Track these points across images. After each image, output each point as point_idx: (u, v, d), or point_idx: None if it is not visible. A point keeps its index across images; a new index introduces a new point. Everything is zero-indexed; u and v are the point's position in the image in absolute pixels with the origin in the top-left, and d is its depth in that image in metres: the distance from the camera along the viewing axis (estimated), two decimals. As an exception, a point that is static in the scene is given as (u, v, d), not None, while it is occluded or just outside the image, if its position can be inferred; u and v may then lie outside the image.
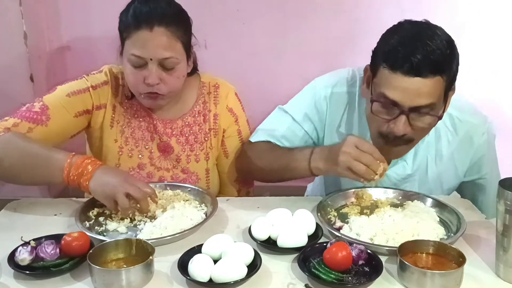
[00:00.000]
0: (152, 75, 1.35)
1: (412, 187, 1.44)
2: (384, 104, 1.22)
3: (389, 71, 1.18)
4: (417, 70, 1.15)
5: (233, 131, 1.58)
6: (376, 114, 1.24)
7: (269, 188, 2.18)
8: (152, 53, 1.34)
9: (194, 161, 1.54)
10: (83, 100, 1.44)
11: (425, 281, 0.99)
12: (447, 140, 1.41)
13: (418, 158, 1.42)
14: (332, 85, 1.43)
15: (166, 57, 1.35)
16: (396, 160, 1.41)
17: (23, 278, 1.04)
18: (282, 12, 1.97)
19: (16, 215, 1.32)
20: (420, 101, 1.18)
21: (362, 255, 1.06)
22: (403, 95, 1.18)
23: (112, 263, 1.06)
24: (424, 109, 1.20)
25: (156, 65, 1.35)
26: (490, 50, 1.93)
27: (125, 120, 1.50)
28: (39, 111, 1.38)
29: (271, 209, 1.24)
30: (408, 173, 1.43)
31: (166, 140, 1.51)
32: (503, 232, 1.04)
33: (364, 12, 1.96)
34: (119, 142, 1.50)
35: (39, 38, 1.99)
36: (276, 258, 1.12)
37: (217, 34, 2.00)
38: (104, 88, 1.47)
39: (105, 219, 1.27)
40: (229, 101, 1.56)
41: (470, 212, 1.36)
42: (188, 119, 1.53)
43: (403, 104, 1.19)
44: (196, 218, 1.26)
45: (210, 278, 1.00)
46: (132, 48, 1.35)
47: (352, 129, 1.44)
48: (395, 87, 1.18)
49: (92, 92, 1.45)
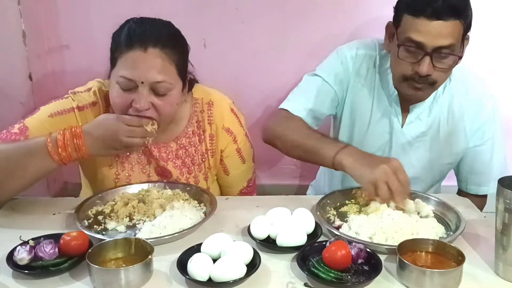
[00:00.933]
0: (142, 99, 1.26)
1: (424, 148, 1.54)
2: (409, 49, 1.35)
3: (412, 17, 1.32)
4: (439, 14, 1.29)
5: (232, 151, 1.52)
6: (403, 59, 1.37)
7: (269, 189, 2.19)
8: (144, 75, 1.25)
9: (193, 183, 1.48)
10: (67, 120, 1.34)
11: (424, 279, 0.99)
12: (459, 101, 1.52)
13: (432, 116, 1.52)
14: (356, 47, 1.56)
15: (158, 81, 1.26)
16: (411, 119, 1.52)
17: (22, 278, 1.04)
18: (282, 12, 1.97)
19: (14, 214, 1.32)
20: (442, 42, 1.31)
21: (361, 254, 1.06)
22: (426, 36, 1.31)
23: (111, 262, 1.06)
24: (445, 50, 1.33)
25: (147, 89, 1.26)
26: (489, 50, 1.93)
27: None
28: (17, 132, 1.31)
29: (270, 208, 1.24)
30: (422, 131, 1.53)
31: (162, 164, 1.45)
32: (502, 231, 1.04)
33: (364, 12, 1.96)
34: (114, 168, 1.43)
35: (38, 37, 1.98)
36: (276, 257, 1.12)
37: (216, 33, 1.99)
38: (92, 110, 1.38)
39: (104, 218, 1.27)
40: (225, 121, 1.48)
41: (469, 210, 1.37)
42: (182, 141, 1.46)
43: (427, 44, 1.32)
44: (195, 218, 1.26)
45: (209, 277, 1.00)
46: (122, 69, 1.26)
47: (373, 89, 1.54)
48: (419, 30, 1.31)
49: (77, 114, 1.36)
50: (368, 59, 1.55)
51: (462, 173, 1.62)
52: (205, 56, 1.98)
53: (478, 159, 1.56)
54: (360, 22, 1.98)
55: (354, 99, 1.57)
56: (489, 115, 1.53)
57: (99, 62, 1.55)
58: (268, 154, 2.12)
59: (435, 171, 1.60)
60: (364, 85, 1.55)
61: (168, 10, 1.93)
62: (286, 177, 2.23)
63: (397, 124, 1.53)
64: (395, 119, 1.53)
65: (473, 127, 1.54)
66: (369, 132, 1.58)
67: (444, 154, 1.56)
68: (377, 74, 1.54)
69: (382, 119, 1.55)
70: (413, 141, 1.54)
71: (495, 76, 1.87)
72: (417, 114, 1.52)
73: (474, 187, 1.59)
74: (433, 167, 1.58)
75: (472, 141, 1.55)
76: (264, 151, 2.11)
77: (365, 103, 1.56)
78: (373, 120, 1.56)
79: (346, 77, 1.56)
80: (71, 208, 1.31)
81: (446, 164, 1.59)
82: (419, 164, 1.57)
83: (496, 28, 1.93)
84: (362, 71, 1.55)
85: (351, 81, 1.56)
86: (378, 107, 1.55)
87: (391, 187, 1.21)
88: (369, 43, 1.58)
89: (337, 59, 1.57)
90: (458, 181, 1.65)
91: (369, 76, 1.55)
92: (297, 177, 2.25)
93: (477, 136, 1.54)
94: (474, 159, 1.57)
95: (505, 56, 1.99)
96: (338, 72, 1.55)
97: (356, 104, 1.57)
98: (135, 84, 1.26)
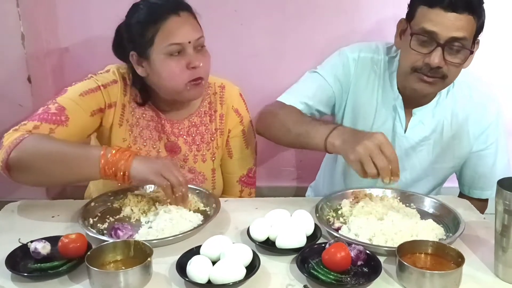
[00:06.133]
0: (193, 57, 1.37)
1: (427, 151, 1.53)
2: (422, 38, 1.35)
3: (428, 8, 1.33)
4: (454, 6, 1.30)
5: (238, 132, 1.59)
6: (414, 48, 1.36)
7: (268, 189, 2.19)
8: (188, 36, 1.36)
9: (200, 161, 1.54)
10: (96, 99, 1.42)
11: (424, 281, 0.99)
12: (463, 104, 1.51)
13: (435, 120, 1.51)
14: (359, 50, 1.56)
15: (199, 37, 1.39)
16: (414, 123, 1.51)
17: (21, 281, 1.04)
18: (281, 13, 1.97)
19: (14, 217, 1.32)
20: (455, 33, 1.32)
21: (361, 255, 1.06)
22: (440, 26, 1.31)
23: (110, 265, 1.06)
24: (457, 43, 1.33)
25: (191, 48, 1.37)
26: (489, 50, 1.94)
27: (133, 120, 1.49)
28: (57, 112, 1.35)
29: (270, 210, 1.24)
30: (425, 135, 1.52)
31: (173, 140, 1.51)
32: (502, 232, 1.04)
33: (364, 13, 1.96)
34: (127, 141, 1.49)
35: (36, 39, 1.98)
36: (275, 259, 1.12)
37: (215, 35, 1.98)
38: (113, 87, 1.45)
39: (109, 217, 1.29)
40: (234, 102, 1.57)
41: (469, 212, 1.37)
42: (194, 119, 1.53)
43: (440, 34, 1.32)
44: (194, 220, 1.26)
45: (208, 279, 1.00)
46: (167, 39, 1.34)
47: (376, 93, 1.53)
48: (433, 20, 1.32)
49: (103, 91, 1.43)
50: (371, 62, 1.54)
51: (464, 178, 1.60)
52: (204, 58, 1.98)
53: (482, 163, 1.55)
54: (360, 23, 1.98)
55: (356, 103, 1.56)
56: (493, 119, 1.52)
57: (98, 64, 1.56)
58: (267, 156, 2.13)
59: (438, 174, 1.59)
60: (367, 88, 1.54)
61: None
62: (285, 179, 2.23)
63: (400, 129, 1.52)
64: (398, 124, 1.52)
65: (476, 132, 1.53)
66: None
67: (447, 158, 1.55)
68: (381, 78, 1.53)
69: (385, 123, 1.53)
70: (416, 146, 1.53)
71: (497, 78, 1.87)
72: (420, 118, 1.51)
73: (477, 191, 1.58)
74: (436, 170, 1.57)
75: (476, 145, 1.54)
76: (263, 153, 2.11)
77: (368, 107, 1.55)
78: (376, 124, 1.54)
79: (347, 80, 1.55)
80: (71, 210, 1.31)
81: (449, 168, 1.58)
82: (421, 168, 1.56)
83: (498, 30, 1.94)
84: (364, 75, 1.54)
85: (352, 85, 1.55)
86: (381, 111, 1.54)
87: (376, 163, 1.17)
88: (372, 46, 1.57)
89: (339, 61, 1.56)
90: (460, 185, 1.63)
91: (372, 80, 1.54)
92: (296, 179, 2.25)
93: (480, 140, 1.53)
94: (477, 163, 1.56)
95: (505, 57, 1.99)
96: (338, 74, 1.55)
97: (358, 107, 1.56)
98: (181, 47, 1.36)
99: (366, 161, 1.17)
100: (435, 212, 1.33)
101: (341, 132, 1.27)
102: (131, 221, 1.28)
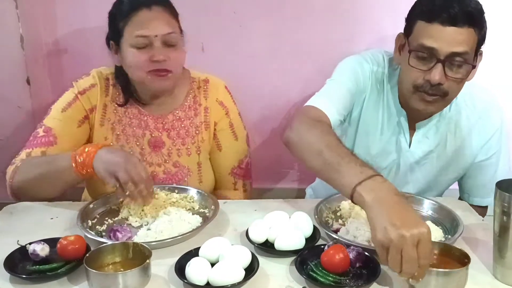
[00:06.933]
0: (159, 51, 1.38)
1: (431, 164, 1.51)
2: (421, 55, 1.30)
3: (426, 23, 1.28)
4: (454, 20, 1.25)
5: (225, 124, 1.60)
6: (414, 66, 1.31)
7: (267, 193, 2.19)
8: (156, 29, 1.38)
9: (185, 154, 1.55)
10: (77, 109, 1.48)
11: (430, 279, 0.96)
12: (466, 116, 1.48)
13: (439, 134, 1.48)
14: (376, 63, 1.49)
15: (169, 32, 1.39)
16: (418, 138, 1.47)
17: (19, 283, 1.04)
18: (280, 15, 1.97)
19: (12, 219, 1.32)
20: (455, 48, 1.27)
21: (360, 257, 1.06)
22: (440, 42, 1.27)
23: (109, 266, 1.05)
24: (458, 58, 1.28)
25: (160, 42, 1.39)
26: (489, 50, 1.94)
27: (116, 118, 1.52)
28: (45, 134, 1.44)
29: (269, 212, 1.24)
30: (430, 149, 1.50)
31: (157, 135, 1.53)
32: (500, 234, 1.04)
33: (362, 15, 1.96)
34: (109, 139, 1.51)
35: (35, 41, 1.98)
36: (274, 261, 1.12)
37: (213, 37, 1.99)
38: (92, 91, 1.50)
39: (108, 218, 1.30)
40: (219, 95, 1.59)
41: (467, 214, 1.37)
42: (179, 113, 1.55)
43: (440, 50, 1.27)
44: (193, 222, 1.26)
45: (207, 281, 1.00)
46: (135, 30, 1.38)
47: (379, 107, 1.48)
48: (432, 35, 1.27)
49: (80, 98, 1.48)
50: (379, 76, 1.49)
51: (465, 186, 1.59)
52: (203, 59, 1.98)
53: (483, 172, 1.53)
54: (357, 26, 1.98)
55: (364, 118, 1.50)
56: (497, 128, 1.49)
57: (97, 66, 1.57)
58: (266, 158, 2.13)
59: (440, 185, 1.58)
60: (375, 103, 1.49)
61: (166, 14, 1.93)
62: (285, 180, 2.23)
63: (405, 144, 1.49)
64: (402, 139, 1.49)
65: (480, 142, 1.50)
66: (377, 152, 1.52)
67: (450, 170, 1.53)
68: (385, 92, 1.48)
69: (390, 138, 1.50)
70: (420, 160, 1.51)
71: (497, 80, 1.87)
72: (424, 132, 1.48)
73: (478, 199, 1.56)
74: (438, 182, 1.56)
75: (479, 156, 1.52)
76: (261, 154, 2.11)
77: (374, 122, 1.50)
78: (382, 140, 1.51)
79: (363, 90, 1.47)
80: (69, 212, 1.31)
81: (452, 179, 1.57)
82: (424, 180, 1.54)
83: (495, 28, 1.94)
84: (374, 89, 1.49)
85: (365, 97, 1.48)
86: (386, 127, 1.50)
87: (403, 262, 0.94)
88: (378, 57, 1.50)
89: (360, 70, 1.47)
90: (461, 192, 1.62)
91: (379, 95, 1.49)
92: (295, 180, 2.25)
93: (483, 151, 1.51)
94: (479, 173, 1.54)
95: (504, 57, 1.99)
96: (359, 81, 1.46)
97: (364, 123, 1.51)
98: (148, 40, 1.38)
99: (393, 255, 0.94)
100: (434, 214, 1.33)
101: (378, 187, 1.02)
102: (130, 223, 1.28)
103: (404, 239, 0.92)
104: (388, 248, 0.94)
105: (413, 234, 0.92)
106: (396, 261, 0.94)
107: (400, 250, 0.93)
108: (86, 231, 1.19)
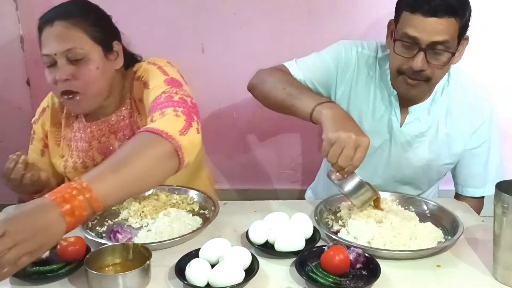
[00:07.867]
0: (58, 70, 1.31)
1: (423, 148, 1.55)
2: (405, 44, 1.39)
3: (410, 14, 1.36)
4: (434, 11, 1.33)
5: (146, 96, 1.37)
6: (399, 53, 1.40)
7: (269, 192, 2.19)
8: (55, 47, 1.30)
9: None
10: (37, 138, 1.53)
11: None
12: (457, 103, 1.53)
13: (430, 117, 1.54)
14: (361, 46, 1.59)
15: (68, 48, 1.30)
16: (410, 119, 1.53)
17: (19, 284, 1.04)
18: (280, 16, 1.97)
19: (12, 220, 1.32)
20: (435, 37, 1.35)
21: (360, 258, 1.06)
22: (421, 32, 1.35)
23: (109, 268, 1.06)
24: (439, 46, 1.36)
25: (63, 60, 1.31)
26: (488, 50, 1.94)
27: (70, 134, 1.50)
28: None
29: (269, 213, 1.24)
30: (421, 131, 1.54)
31: (104, 141, 1.47)
32: (500, 235, 1.04)
33: (361, 16, 1.96)
34: (65, 157, 1.51)
35: (35, 42, 1.97)
36: (274, 262, 1.12)
37: (213, 38, 1.99)
38: (44, 116, 1.52)
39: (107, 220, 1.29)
40: (138, 73, 1.43)
41: (467, 215, 1.37)
42: (123, 112, 1.46)
43: (421, 39, 1.35)
44: (193, 223, 1.26)
45: (207, 282, 1.00)
46: (42, 49, 1.34)
47: (373, 88, 1.56)
48: (415, 26, 1.35)
49: (35, 127, 1.53)
50: (369, 59, 1.57)
51: (459, 176, 1.62)
52: (203, 60, 1.98)
53: (475, 161, 1.57)
54: (358, 26, 1.99)
55: (354, 98, 1.57)
56: (486, 119, 1.54)
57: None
58: (266, 159, 2.13)
59: (433, 171, 1.61)
60: (365, 84, 1.56)
61: (166, 15, 1.93)
62: (285, 182, 2.23)
63: (396, 123, 1.54)
64: (394, 118, 1.54)
65: (470, 130, 1.55)
66: (369, 131, 1.56)
67: (442, 155, 1.57)
68: (377, 75, 1.56)
69: (382, 118, 1.56)
70: (412, 141, 1.55)
71: (492, 78, 1.88)
72: (417, 115, 1.53)
73: (471, 190, 1.60)
74: (432, 167, 1.59)
75: (470, 143, 1.56)
76: (261, 155, 2.11)
77: (365, 103, 1.57)
78: (374, 119, 1.56)
79: (345, 69, 1.56)
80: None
81: (444, 165, 1.60)
82: (418, 165, 1.58)
83: (495, 28, 1.94)
84: (364, 71, 1.56)
85: (352, 78, 1.57)
86: (377, 107, 1.56)
87: (341, 156, 1.19)
88: (371, 44, 1.60)
89: (343, 49, 1.58)
90: (455, 184, 1.65)
91: (370, 76, 1.56)
92: (295, 181, 2.24)
93: (474, 138, 1.55)
94: (470, 161, 1.58)
95: (503, 58, 2.00)
96: (341, 59, 1.56)
97: (355, 102, 1.57)
98: (52, 59, 1.32)
99: (335, 150, 1.19)
100: (434, 215, 1.33)
101: (335, 108, 1.29)
102: (130, 224, 1.28)
103: (350, 139, 1.18)
104: (333, 145, 1.19)
105: (358, 139, 1.19)
106: (336, 154, 1.19)
107: (342, 147, 1.18)
108: (86, 232, 1.19)
